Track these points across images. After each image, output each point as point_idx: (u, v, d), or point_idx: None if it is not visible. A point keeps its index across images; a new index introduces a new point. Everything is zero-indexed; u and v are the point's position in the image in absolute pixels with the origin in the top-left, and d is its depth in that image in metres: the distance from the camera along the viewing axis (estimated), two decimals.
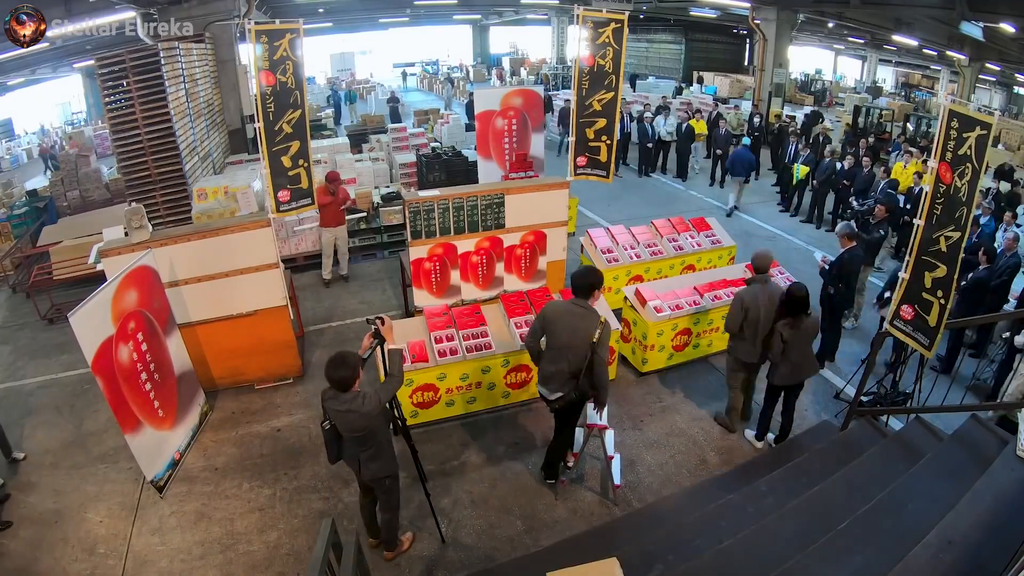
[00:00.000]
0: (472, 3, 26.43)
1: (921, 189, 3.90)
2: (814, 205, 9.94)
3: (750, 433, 4.91)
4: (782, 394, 4.66)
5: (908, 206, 8.04)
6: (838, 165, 9.48)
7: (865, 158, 9.44)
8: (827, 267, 5.71)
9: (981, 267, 5.64)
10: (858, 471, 3.72)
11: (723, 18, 22.07)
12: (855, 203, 8.66)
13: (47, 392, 5.85)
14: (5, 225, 9.40)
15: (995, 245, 6.27)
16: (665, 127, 12.76)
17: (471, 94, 12.96)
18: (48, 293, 7.55)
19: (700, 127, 12.73)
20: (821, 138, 11.57)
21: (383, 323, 3.44)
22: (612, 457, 4.26)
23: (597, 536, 3.93)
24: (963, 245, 3.47)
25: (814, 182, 9.75)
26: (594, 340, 3.68)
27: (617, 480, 4.29)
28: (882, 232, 6.73)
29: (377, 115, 15.89)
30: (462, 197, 5.57)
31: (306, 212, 6.58)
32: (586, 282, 3.80)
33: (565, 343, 3.76)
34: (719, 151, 11.86)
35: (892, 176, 9.02)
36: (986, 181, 9.23)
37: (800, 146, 10.40)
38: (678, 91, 20.96)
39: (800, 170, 9.86)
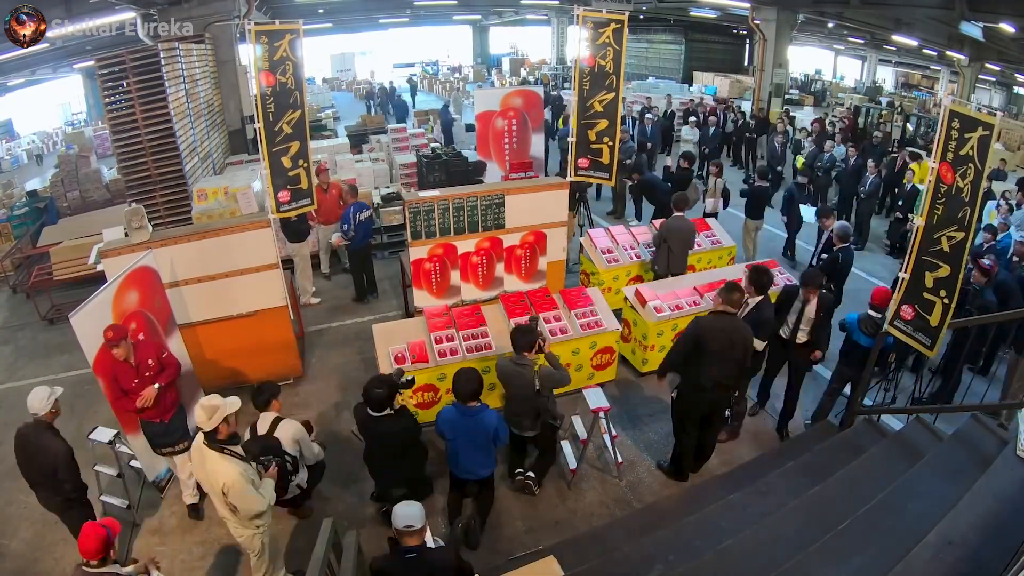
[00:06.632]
0: (472, 3, 26.37)
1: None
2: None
3: None
4: None
5: (901, 202, 8.64)
6: (825, 155, 9.94)
7: (852, 147, 9.73)
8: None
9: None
10: (858, 471, 3.72)
11: (723, 18, 22.05)
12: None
13: None
14: (5, 225, 9.40)
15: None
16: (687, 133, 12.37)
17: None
18: (48, 293, 7.56)
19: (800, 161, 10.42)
20: (815, 134, 11.66)
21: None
22: (616, 436, 4.35)
23: (597, 536, 3.93)
24: (968, 246, 3.47)
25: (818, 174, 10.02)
26: (537, 389, 4.03)
27: (619, 458, 4.45)
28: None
29: (376, 115, 15.88)
30: (462, 198, 5.57)
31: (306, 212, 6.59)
32: (526, 340, 4.08)
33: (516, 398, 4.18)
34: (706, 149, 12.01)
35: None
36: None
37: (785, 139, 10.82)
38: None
39: (798, 160, 10.06)
